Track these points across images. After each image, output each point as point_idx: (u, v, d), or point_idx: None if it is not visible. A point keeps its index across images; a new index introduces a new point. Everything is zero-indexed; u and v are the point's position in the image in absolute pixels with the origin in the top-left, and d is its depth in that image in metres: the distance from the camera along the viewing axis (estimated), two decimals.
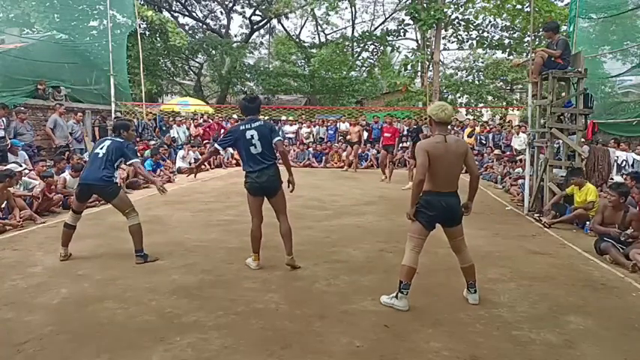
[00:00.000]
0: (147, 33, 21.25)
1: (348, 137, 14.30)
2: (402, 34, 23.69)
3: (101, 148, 4.71)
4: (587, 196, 6.57)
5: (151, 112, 15.35)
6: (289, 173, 4.53)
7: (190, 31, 29.20)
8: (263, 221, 4.53)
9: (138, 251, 4.66)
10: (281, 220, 4.53)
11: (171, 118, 15.96)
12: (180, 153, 13.25)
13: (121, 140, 4.81)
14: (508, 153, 13.08)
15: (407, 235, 3.66)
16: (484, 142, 14.91)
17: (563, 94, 7.78)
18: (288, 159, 4.63)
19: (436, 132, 3.58)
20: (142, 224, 4.76)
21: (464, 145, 3.72)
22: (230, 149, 15.24)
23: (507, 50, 20.88)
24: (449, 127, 3.70)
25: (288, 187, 4.52)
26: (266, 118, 17.19)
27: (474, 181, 3.68)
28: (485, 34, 21.63)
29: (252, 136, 4.33)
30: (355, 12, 30.07)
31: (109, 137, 4.95)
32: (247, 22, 30.58)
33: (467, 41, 21.74)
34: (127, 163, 4.78)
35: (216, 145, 4.72)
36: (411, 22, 21.40)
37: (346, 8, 27.90)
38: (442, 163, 3.47)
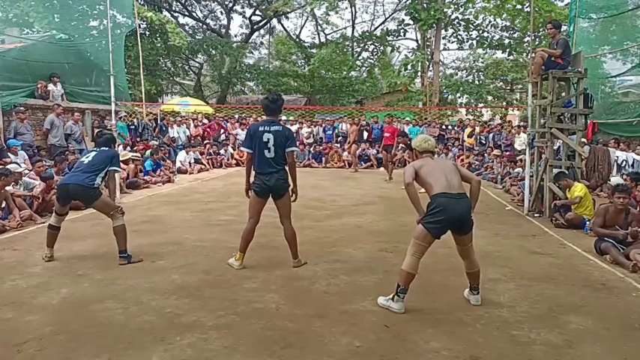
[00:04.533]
0: (147, 33, 21.26)
1: (349, 139, 14.74)
2: (402, 34, 23.77)
3: (87, 157, 4.82)
4: (574, 194, 6.64)
5: (151, 112, 15.35)
6: (294, 184, 4.54)
7: (190, 31, 29.23)
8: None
9: (121, 252, 4.69)
10: (285, 223, 4.53)
11: (171, 118, 15.95)
12: (181, 154, 13.24)
13: (107, 149, 4.94)
14: (508, 153, 13.07)
15: (411, 238, 3.62)
16: (484, 142, 14.90)
17: (563, 94, 7.78)
18: (295, 170, 4.60)
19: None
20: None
21: (451, 163, 3.97)
22: (231, 149, 15.35)
23: (507, 50, 20.89)
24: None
25: (291, 195, 4.55)
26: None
27: (474, 188, 3.65)
28: (485, 34, 21.67)
29: (268, 139, 4.32)
30: (355, 12, 30.09)
31: (95, 149, 5.02)
32: (247, 22, 30.64)
33: (467, 41, 21.79)
34: (110, 168, 4.81)
35: (244, 149, 4.66)
36: (411, 22, 21.44)
37: (346, 8, 27.93)
38: (436, 168, 3.64)
